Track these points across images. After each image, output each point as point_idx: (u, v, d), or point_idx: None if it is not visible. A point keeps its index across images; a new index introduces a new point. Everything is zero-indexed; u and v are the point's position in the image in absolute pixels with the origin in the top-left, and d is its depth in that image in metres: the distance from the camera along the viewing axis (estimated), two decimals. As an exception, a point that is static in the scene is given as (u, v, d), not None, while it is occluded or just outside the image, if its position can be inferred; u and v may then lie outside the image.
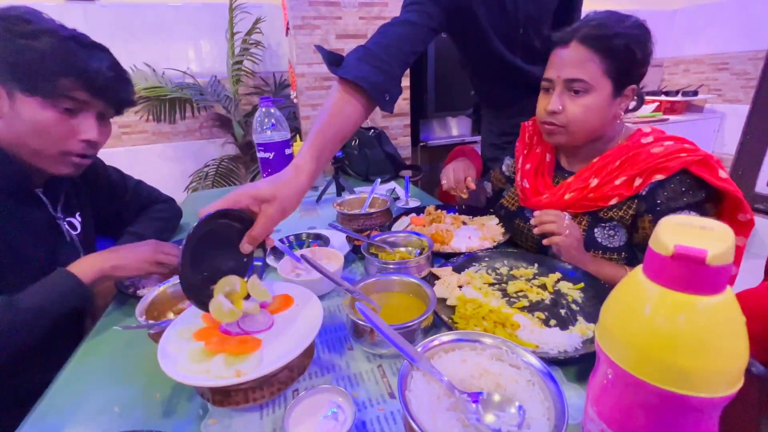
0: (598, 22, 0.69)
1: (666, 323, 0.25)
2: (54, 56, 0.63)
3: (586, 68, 0.70)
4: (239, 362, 0.43)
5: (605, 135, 0.77)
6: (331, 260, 0.76)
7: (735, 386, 0.25)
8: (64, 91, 0.65)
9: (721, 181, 0.66)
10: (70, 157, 0.70)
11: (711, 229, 0.24)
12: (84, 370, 0.56)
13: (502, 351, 0.45)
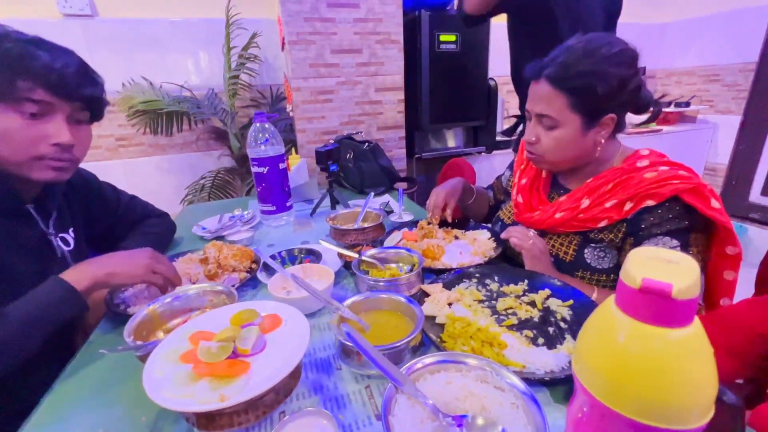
0: (561, 60, 0.72)
1: (635, 355, 0.25)
2: (9, 59, 0.62)
3: (552, 105, 0.72)
4: (224, 386, 0.43)
5: (595, 159, 0.78)
6: (322, 277, 0.76)
7: (706, 417, 0.25)
8: (24, 94, 0.63)
9: (712, 210, 0.66)
10: (45, 161, 0.68)
11: (677, 263, 0.25)
12: (70, 392, 0.56)
13: (487, 372, 0.45)
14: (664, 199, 0.68)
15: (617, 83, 0.69)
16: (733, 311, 0.58)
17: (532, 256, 0.76)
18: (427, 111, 1.80)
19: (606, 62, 0.69)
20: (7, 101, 0.63)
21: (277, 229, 1.17)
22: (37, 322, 0.59)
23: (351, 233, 0.94)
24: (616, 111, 0.73)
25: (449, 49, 1.74)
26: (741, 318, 0.56)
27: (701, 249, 0.70)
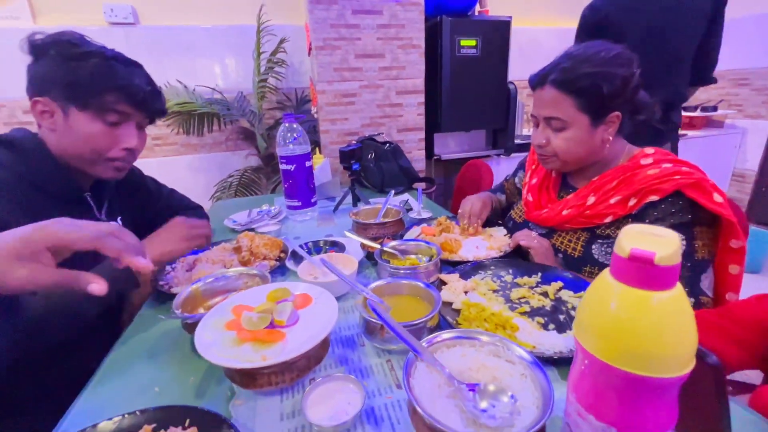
0: (564, 65, 0.75)
1: (625, 315, 0.29)
2: (101, 75, 0.72)
3: (560, 107, 0.76)
4: (264, 349, 0.49)
5: (603, 157, 0.82)
6: (346, 265, 0.81)
7: (686, 368, 0.29)
8: (110, 105, 0.74)
9: (715, 204, 0.68)
10: (113, 163, 0.78)
11: (662, 236, 0.29)
12: (126, 357, 0.63)
13: (499, 348, 0.50)
14: (667, 194, 0.71)
15: (620, 82, 0.73)
16: (743, 305, 0.61)
17: (538, 252, 0.82)
18: (447, 114, 1.84)
19: (608, 64, 0.73)
20: (95, 110, 0.73)
21: (302, 223, 1.24)
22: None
23: (372, 227, 1.00)
24: (620, 109, 0.76)
25: (469, 53, 1.78)
26: (750, 312, 0.59)
27: (706, 242, 0.72)
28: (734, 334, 0.57)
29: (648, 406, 0.31)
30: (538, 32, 2.58)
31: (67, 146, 0.75)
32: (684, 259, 0.71)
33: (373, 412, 0.49)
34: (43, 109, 0.73)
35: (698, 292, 0.70)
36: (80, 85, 0.71)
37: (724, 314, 0.60)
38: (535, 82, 0.81)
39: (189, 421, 0.45)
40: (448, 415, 0.42)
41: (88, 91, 0.72)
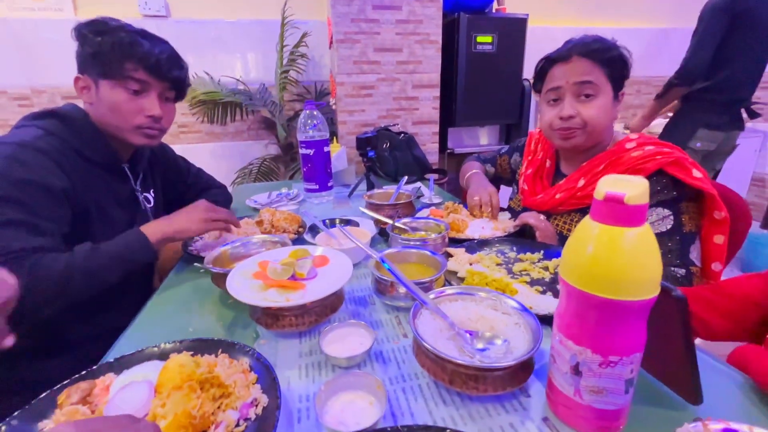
0: (592, 39, 0.81)
1: (601, 248, 0.35)
2: (122, 45, 0.77)
3: (593, 73, 0.80)
4: (288, 293, 0.56)
5: (605, 138, 0.87)
6: (361, 237, 0.87)
7: (650, 293, 0.34)
8: (129, 72, 0.78)
9: (695, 179, 0.73)
10: (141, 129, 0.84)
11: (631, 181, 0.34)
12: (162, 305, 0.71)
13: (496, 302, 0.55)
14: (651, 173, 0.77)
15: (630, 63, 0.81)
16: (734, 282, 0.64)
17: (545, 234, 0.87)
18: (462, 108, 1.89)
19: (621, 47, 0.81)
20: (117, 79, 0.79)
21: (318, 205, 1.31)
22: (119, 260, 0.72)
23: (385, 208, 1.05)
24: (624, 89, 0.83)
25: (485, 49, 1.82)
26: (740, 288, 0.62)
27: (692, 216, 0.77)
28: (724, 307, 0.61)
29: (618, 328, 0.36)
30: (556, 31, 2.59)
31: (102, 116, 0.82)
32: (673, 233, 0.76)
33: (382, 354, 0.55)
34: (83, 85, 0.81)
35: (689, 263, 0.76)
36: (104, 55, 0.77)
37: (716, 290, 0.64)
38: (556, 56, 0.84)
39: (221, 350, 0.51)
40: (448, 351, 0.48)
41: (110, 60, 0.77)
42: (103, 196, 0.85)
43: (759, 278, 0.64)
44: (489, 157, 1.27)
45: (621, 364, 0.36)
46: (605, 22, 2.67)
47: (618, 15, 2.69)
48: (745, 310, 0.62)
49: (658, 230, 0.78)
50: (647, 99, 2.93)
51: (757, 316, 0.62)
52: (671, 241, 0.77)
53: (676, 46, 2.84)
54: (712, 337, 0.62)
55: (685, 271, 0.75)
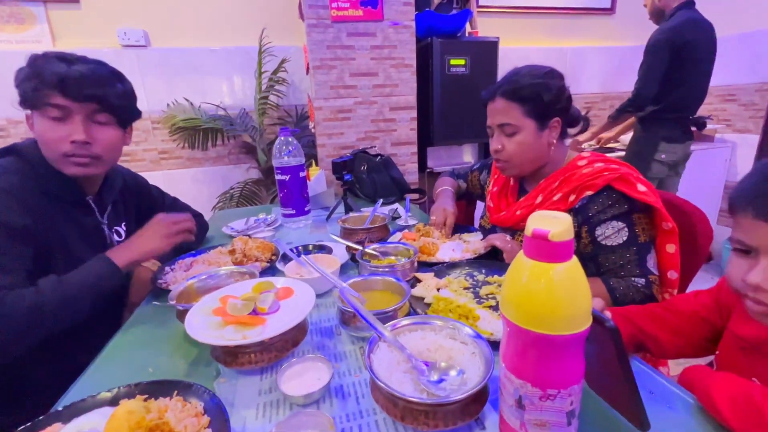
0: (509, 79, 0.88)
1: (533, 284, 0.36)
2: (37, 73, 0.74)
3: (510, 114, 0.88)
4: (246, 330, 0.55)
5: (550, 160, 0.92)
6: (330, 265, 0.88)
7: (581, 327, 0.35)
8: (46, 100, 0.74)
9: (639, 193, 0.78)
10: (69, 158, 0.79)
11: (557, 218, 0.35)
12: (125, 344, 0.69)
13: (454, 331, 0.55)
14: (600, 189, 0.81)
15: (556, 91, 0.86)
16: (683, 299, 0.66)
17: (511, 255, 0.89)
18: (438, 128, 1.93)
19: (544, 77, 0.87)
20: (38, 108, 0.76)
21: (296, 230, 1.31)
22: (88, 288, 0.72)
23: (359, 232, 1.06)
24: (559, 115, 0.88)
25: (459, 71, 1.88)
26: (688, 304, 0.64)
27: (645, 227, 0.81)
28: (674, 323, 0.63)
29: (554, 362, 0.36)
30: (529, 51, 2.69)
31: (42, 150, 0.80)
32: (629, 244, 0.80)
33: (342, 389, 0.55)
34: (29, 122, 0.80)
35: (647, 272, 0.80)
36: (28, 87, 0.75)
37: (667, 306, 0.65)
38: (487, 96, 0.94)
39: (176, 392, 0.51)
40: (402, 385, 0.48)
41: (31, 91, 0.75)
42: (67, 232, 0.84)
43: (707, 294, 0.66)
44: (462, 173, 1.31)
45: (560, 397, 0.37)
46: (576, 42, 2.78)
47: (588, 34, 2.80)
48: (693, 326, 0.64)
49: (615, 242, 0.81)
50: (621, 113, 3.02)
51: (705, 331, 0.63)
52: (628, 252, 0.80)
53: (645, 62, 2.97)
54: (664, 355, 0.64)
55: (644, 280, 0.79)
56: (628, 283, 0.79)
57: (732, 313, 0.60)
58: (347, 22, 1.67)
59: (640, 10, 2.89)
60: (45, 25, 1.92)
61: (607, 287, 0.80)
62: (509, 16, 2.60)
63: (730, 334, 0.59)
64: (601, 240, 0.82)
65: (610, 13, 2.80)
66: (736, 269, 0.49)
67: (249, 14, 2.14)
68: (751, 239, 0.47)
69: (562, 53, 2.76)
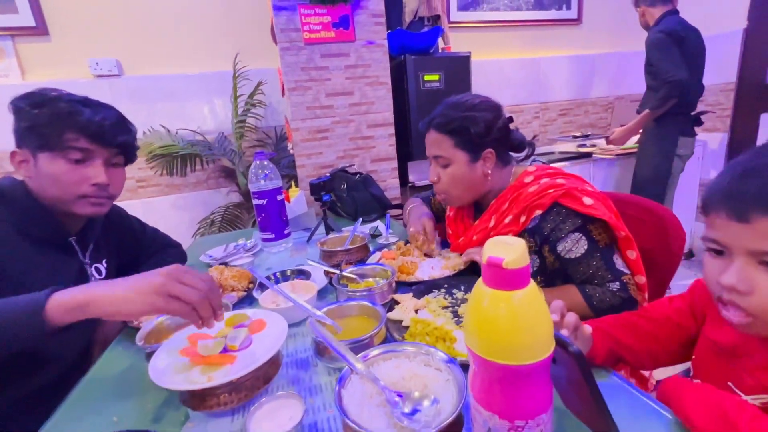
0: (441, 112, 0.91)
1: (491, 313, 0.35)
2: (60, 116, 0.76)
3: (442, 146, 0.90)
4: (212, 371, 0.53)
5: (490, 188, 0.93)
6: (308, 292, 0.86)
7: (546, 353, 0.34)
8: (70, 143, 0.76)
9: (586, 207, 0.79)
10: (86, 199, 0.81)
11: (511, 245, 0.35)
12: (91, 390, 0.66)
13: (428, 357, 0.54)
14: (548, 207, 0.82)
15: (484, 124, 0.87)
16: (656, 305, 0.66)
17: None
18: (417, 143, 1.94)
19: (473, 109, 0.88)
20: (56, 150, 0.77)
21: (276, 255, 1.29)
22: None
23: (338, 254, 1.05)
24: (492, 146, 0.89)
25: (434, 86, 1.91)
26: (662, 311, 0.64)
27: (602, 232, 0.82)
28: (648, 331, 0.63)
29: (520, 392, 0.35)
30: (502, 63, 2.75)
31: (43, 189, 0.79)
32: (592, 252, 0.81)
33: (316, 426, 0.53)
34: (20, 159, 0.79)
35: (618, 273, 0.80)
36: (42, 127, 0.75)
37: (642, 314, 0.65)
38: (423, 127, 0.96)
39: (139, 443, 0.48)
40: (374, 420, 0.46)
41: (48, 132, 0.75)
42: (46, 275, 0.80)
43: (680, 299, 0.66)
44: (424, 197, 1.32)
45: (528, 427, 0.36)
46: (547, 52, 2.86)
47: (558, 44, 2.88)
48: (668, 332, 0.64)
49: (578, 253, 0.81)
50: (596, 119, 3.11)
51: (680, 337, 0.63)
52: (594, 260, 0.81)
53: (614, 68, 3.07)
54: (642, 366, 0.63)
55: (618, 283, 0.79)
56: (603, 289, 0.80)
57: (706, 317, 0.60)
58: (320, 44, 1.69)
59: (606, 19, 3.02)
60: (13, 59, 1.89)
61: (583, 295, 0.80)
62: (481, 30, 2.67)
63: (705, 338, 0.59)
64: (564, 255, 0.83)
65: (577, 24, 2.90)
66: (711, 270, 0.49)
67: (222, 39, 2.15)
68: (724, 239, 0.47)
69: (535, 63, 2.83)
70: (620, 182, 2.56)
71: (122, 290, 0.55)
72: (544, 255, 0.87)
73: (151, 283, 0.54)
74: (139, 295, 0.54)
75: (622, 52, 3.06)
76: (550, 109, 2.97)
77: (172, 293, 0.54)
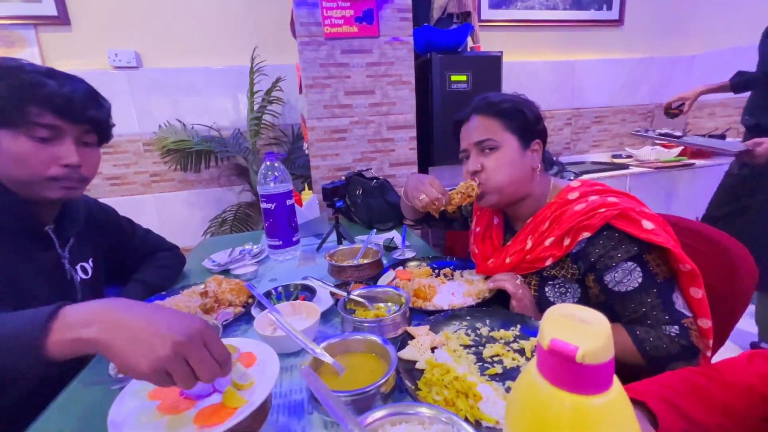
0: (485, 97, 0.86)
1: (550, 423, 0.24)
2: (21, 88, 0.67)
3: (489, 130, 0.80)
4: (181, 426, 0.43)
5: (532, 192, 0.82)
6: (310, 314, 0.76)
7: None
8: (34, 118, 0.67)
9: (646, 232, 0.66)
10: (57, 182, 0.73)
11: (589, 323, 0.23)
12: (56, 422, 0.58)
13: (449, 428, 0.43)
14: (598, 229, 0.69)
15: (537, 111, 0.83)
16: (732, 366, 0.53)
17: (520, 304, 0.77)
18: (439, 147, 1.83)
19: (517, 97, 0.84)
20: (20, 127, 0.67)
21: (282, 263, 1.20)
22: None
23: (347, 270, 0.94)
24: (540, 137, 0.82)
25: (461, 87, 1.78)
26: (740, 375, 0.51)
27: (661, 264, 0.69)
28: (721, 401, 0.49)
29: None
30: (535, 65, 2.59)
31: (7, 172, 0.71)
32: (648, 286, 0.68)
33: (303, 503, 0.42)
34: None
35: (678, 316, 0.67)
36: (1, 102, 0.66)
37: (713, 376, 0.52)
38: (459, 119, 0.89)
39: None
40: None
41: (7, 107, 0.66)
42: (17, 267, 0.73)
43: (763, 360, 0.52)
44: None
45: None
46: (584, 54, 2.68)
47: (596, 47, 2.70)
48: (748, 405, 0.50)
49: (630, 287, 0.69)
50: (631, 127, 2.90)
51: (764, 411, 0.49)
52: (650, 296, 0.68)
53: (655, 74, 2.85)
54: None
55: (677, 327, 0.67)
56: (658, 332, 0.67)
57: None
58: (341, 39, 1.59)
59: (649, 21, 2.81)
60: (35, 48, 1.88)
61: (634, 338, 0.67)
62: (513, 29, 2.52)
63: None
64: (612, 287, 0.70)
65: (618, 25, 2.71)
66: None
67: (241, 33, 2.09)
68: None
69: (570, 66, 2.66)
70: (660, 200, 2.37)
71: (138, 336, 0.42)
72: (588, 285, 0.75)
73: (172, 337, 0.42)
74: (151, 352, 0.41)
75: (664, 57, 2.84)
76: (583, 116, 2.78)
77: (189, 359, 0.42)
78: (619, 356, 0.67)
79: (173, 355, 0.41)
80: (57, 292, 0.80)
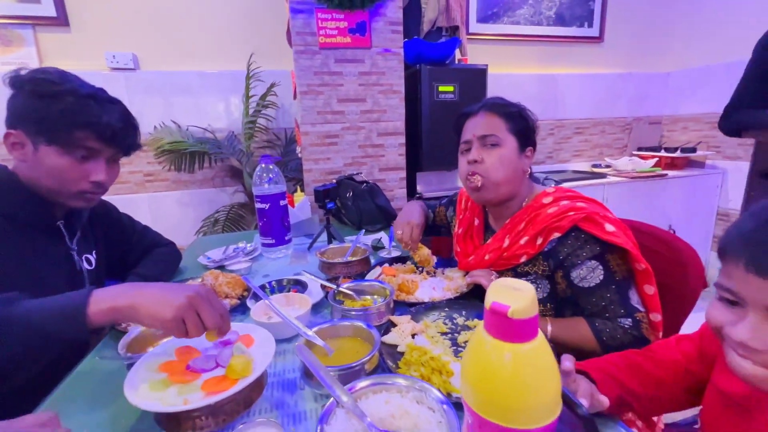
0: (496, 98, 0.92)
1: (491, 367, 0.31)
2: (72, 113, 0.74)
3: (494, 127, 0.87)
4: (189, 392, 0.50)
5: (519, 193, 0.90)
6: (302, 305, 0.82)
7: (552, 416, 0.30)
8: (79, 141, 0.76)
9: (608, 234, 0.75)
10: (82, 194, 0.81)
11: (519, 290, 0.31)
12: (67, 397, 0.63)
13: (422, 394, 0.50)
14: (567, 230, 0.78)
15: (534, 124, 0.90)
16: (663, 346, 0.61)
17: None
18: (427, 154, 1.91)
19: (527, 109, 0.91)
20: (64, 146, 0.76)
21: (275, 261, 1.26)
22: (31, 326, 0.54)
23: (337, 266, 1.01)
24: (533, 147, 0.89)
25: (448, 98, 1.88)
26: (669, 353, 0.59)
27: (620, 264, 0.78)
28: (654, 375, 0.58)
29: (519, 457, 0.31)
30: (520, 77, 2.71)
31: (37, 178, 0.78)
32: (607, 283, 0.76)
33: (296, 459, 0.49)
34: (14, 141, 0.76)
35: (632, 310, 0.75)
36: (51, 122, 0.73)
37: (648, 355, 0.60)
38: (466, 113, 0.94)
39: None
40: (357, 463, 0.42)
41: (57, 127, 0.74)
42: (34, 259, 0.79)
43: (689, 342, 0.61)
44: (431, 204, 1.28)
45: (526, 498, 0.32)
46: (566, 68, 2.82)
47: (577, 62, 2.84)
48: (675, 378, 0.59)
49: (593, 283, 0.77)
50: (612, 139, 3.05)
51: (688, 383, 0.58)
52: (608, 292, 0.76)
53: (633, 88, 3.01)
54: (644, 412, 0.58)
55: (631, 320, 0.75)
56: (614, 324, 0.75)
57: (715, 364, 0.55)
58: (335, 48, 1.67)
59: (628, 39, 2.96)
60: (33, 47, 1.91)
61: (593, 329, 0.76)
62: (500, 43, 2.64)
63: (714, 388, 0.54)
64: (577, 282, 0.78)
65: (599, 42, 2.85)
66: (719, 317, 0.45)
67: (238, 39, 2.15)
68: (740, 290, 0.42)
69: (552, 79, 2.79)
70: (634, 208, 2.49)
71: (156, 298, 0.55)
72: (556, 281, 0.83)
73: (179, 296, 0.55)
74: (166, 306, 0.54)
75: (642, 72, 3.00)
76: (565, 127, 2.91)
77: (198, 310, 0.55)
78: (580, 344, 0.76)
79: (188, 305, 0.54)
80: (70, 282, 0.86)
